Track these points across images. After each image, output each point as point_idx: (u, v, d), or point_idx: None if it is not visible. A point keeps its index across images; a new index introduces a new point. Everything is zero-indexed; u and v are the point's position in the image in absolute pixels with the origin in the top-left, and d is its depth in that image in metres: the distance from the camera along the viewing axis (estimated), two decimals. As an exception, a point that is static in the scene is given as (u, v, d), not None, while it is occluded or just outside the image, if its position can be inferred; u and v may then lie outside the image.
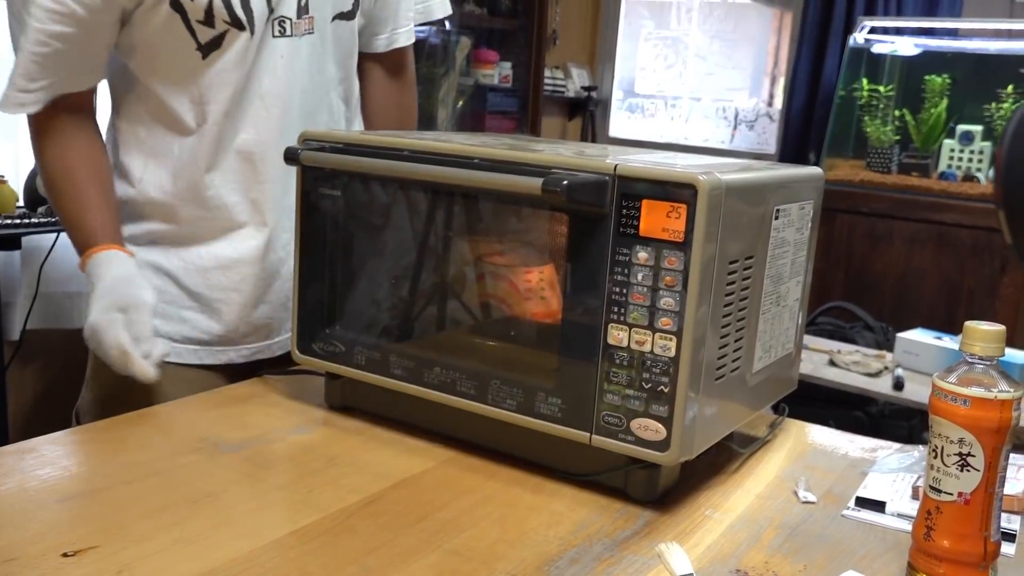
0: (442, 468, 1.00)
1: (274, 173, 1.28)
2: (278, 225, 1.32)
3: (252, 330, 1.35)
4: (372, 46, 1.44)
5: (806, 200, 1.07)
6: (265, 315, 1.35)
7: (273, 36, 1.24)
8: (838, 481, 1.04)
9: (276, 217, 1.31)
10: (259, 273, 1.32)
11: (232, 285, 1.32)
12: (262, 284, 1.33)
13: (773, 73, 4.78)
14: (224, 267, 1.31)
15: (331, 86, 1.36)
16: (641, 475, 0.94)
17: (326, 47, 1.32)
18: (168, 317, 1.31)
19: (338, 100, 1.38)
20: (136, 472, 0.94)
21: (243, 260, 1.31)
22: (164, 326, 1.31)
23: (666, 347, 0.88)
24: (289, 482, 0.96)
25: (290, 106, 1.28)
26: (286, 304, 1.36)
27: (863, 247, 3.72)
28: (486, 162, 0.97)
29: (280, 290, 1.35)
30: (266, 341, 1.36)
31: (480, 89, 3.99)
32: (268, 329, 1.36)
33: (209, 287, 1.31)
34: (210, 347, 1.34)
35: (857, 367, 2.70)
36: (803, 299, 1.13)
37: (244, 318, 1.33)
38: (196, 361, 1.33)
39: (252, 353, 1.36)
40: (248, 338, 1.35)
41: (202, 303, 1.32)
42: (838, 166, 4.04)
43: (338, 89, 1.37)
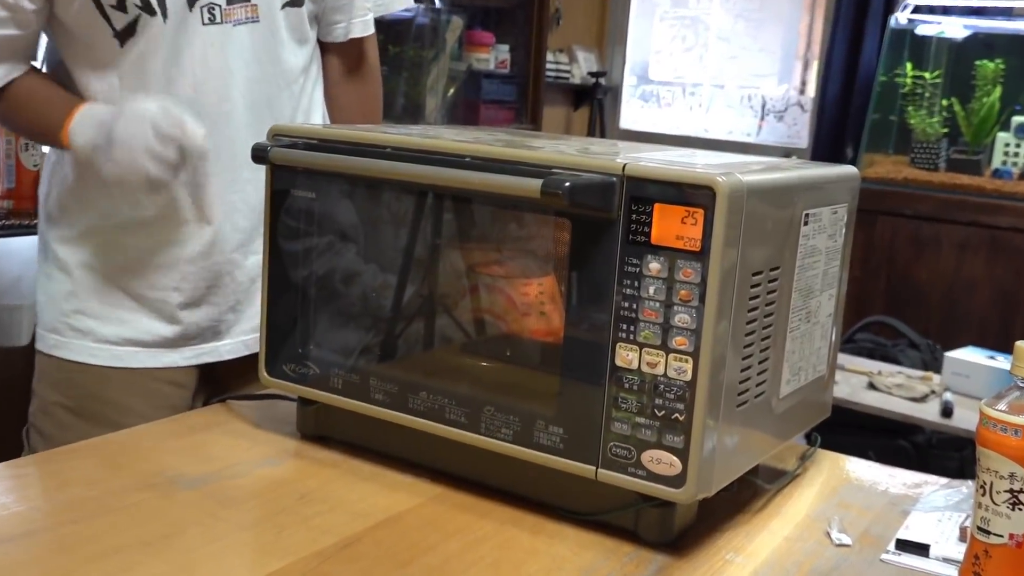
0: (429, 506, 1.00)
1: (216, 167, 1.32)
2: (226, 224, 1.38)
3: (196, 332, 1.41)
4: (329, 35, 1.50)
5: (839, 203, 1.08)
6: (211, 317, 1.42)
7: (203, 23, 1.31)
8: (876, 521, 1.04)
9: (223, 215, 1.37)
10: (201, 273, 1.39)
11: (172, 284, 1.38)
12: (205, 285, 1.40)
13: (805, 57, 4.80)
14: (164, 266, 1.38)
15: (290, 77, 1.41)
16: (654, 514, 0.94)
17: (278, 35, 1.38)
18: (106, 319, 1.39)
19: (300, 91, 1.44)
20: (83, 510, 0.94)
21: (184, 259, 1.38)
22: (102, 328, 1.39)
23: (681, 369, 0.88)
24: (256, 522, 0.96)
25: (229, 97, 1.34)
26: (236, 307, 1.43)
27: (907, 254, 3.73)
28: (479, 161, 0.97)
29: (230, 293, 1.42)
30: (211, 343, 1.43)
31: (474, 75, 4.01)
32: (213, 332, 1.43)
33: (149, 287, 1.38)
34: (151, 349, 1.40)
35: (900, 391, 2.70)
36: (837, 314, 1.13)
37: (186, 320, 1.40)
38: (137, 364, 1.40)
39: (196, 355, 1.42)
40: (192, 341, 1.42)
41: (141, 303, 1.39)
42: (878, 162, 4.05)
43: (299, 80, 1.43)
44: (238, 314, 1.44)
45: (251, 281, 1.43)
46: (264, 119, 1.37)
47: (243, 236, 1.40)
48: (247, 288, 1.43)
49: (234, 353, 1.44)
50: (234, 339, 1.44)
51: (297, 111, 1.44)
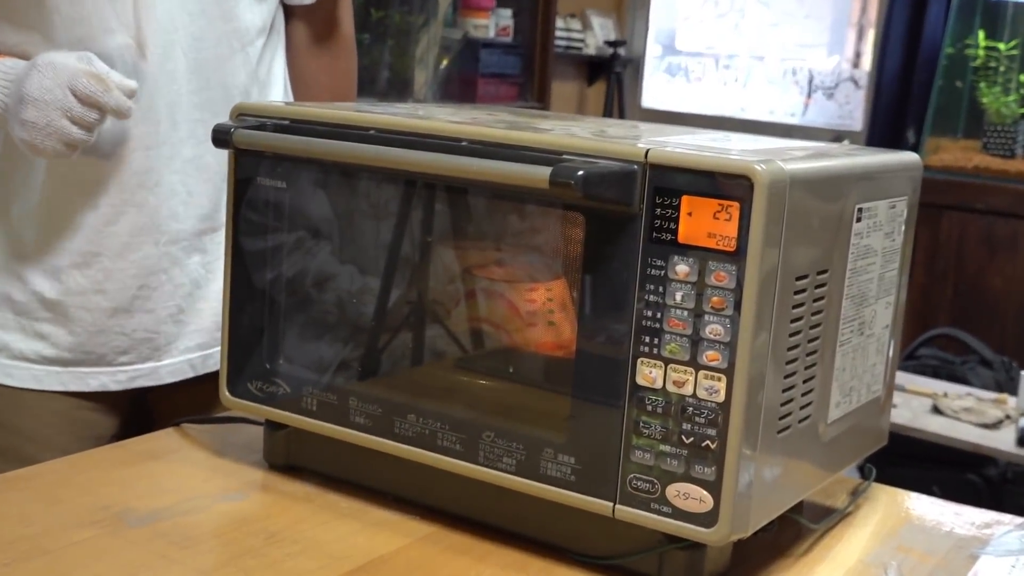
0: (418, 548, 1.01)
1: (152, 138, 1.32)
2: (161, 209, 1.35)
3: (128, 346, 1.38)
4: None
5: (898, 196, 1.08)
6: (145, 328, 1.38)
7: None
8: (941, 566, 1.05)
9: (156, 199, 1.35)
10: (129, 269, 1.36)
11: (93, 285, 1.36)
12: (136, 285, 1.37)
13: (860, 24, 4.81)
14: (81, 263, 1.35)
15: (246, 38, 1.40)
16: (680, 558, 0.94)
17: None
18: (22, 331, 1.36)
19: (256, 56, 1.42)
20: (15, 551, 0.95)
21: (105, 253, 1.35)
22: (18, 343, 1.36)
23: (713, 389, 0.89)
24: (216, 565, 0.97)
25: (171, 55, 1.32)
26: (178, 317, 1.40)
27: (978, 256, 3.74)
28: (478, 145, 0.98)
29: (169, 298, 1.39)
30: (150, 363, 1.40)
31: (471, 44, 4.02)
32: (151, 347, 1.40)
33: (65, 291, 1.35)
34: (75, 369, 1.38)
35: (970, 415, 2.71)
36: (895, 326, 1.14)
37: (115, 329, 1.37)
38: (60, 387, 1.37)
39: (131, 378, 1.40)
40: (124, 356, 1.38)
41: (58, 312, 1.36)
42: (945, 148, 4.06)
43: (256, 43, 1.42)
44: (180, 326, 1.41)
45: (194, 285, 1.41)
46: (212, 85, 1.37)
47: (182, 227, 1.38)
48: (189, 293, 1.41)
49: (177, 375, 1.42)
50: (176, 358, 1.41)
51: (253, 80, 1.42)
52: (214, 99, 1.37)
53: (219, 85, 1.37)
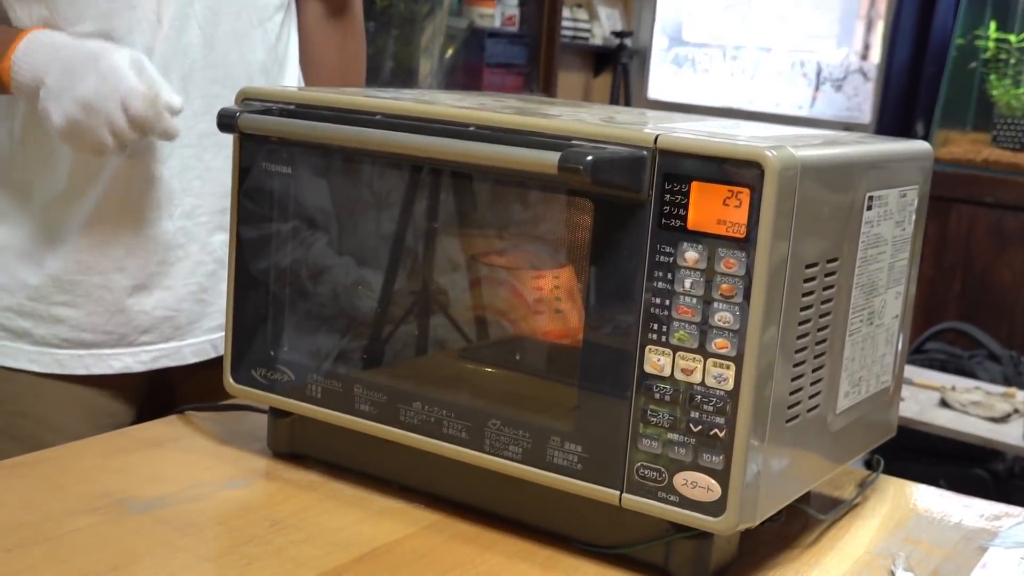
0: (423, 536, 1.01)
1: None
2: (174, 182, 1.35)
3: (150, 324, 1.38)
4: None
5: (909, 185, 1.08)
6: (167, 306, 1.38)
7: None
8: (948, 558, 1.05)
9: (174, 171, 1.35)
10: (147, 245, 1.35)
11: (112, 263, 1.35)
12: (156, 260, 1.36)
13: (869, 16, 4.81)
14: (100, 241, 1.34)
15: (264, 14, 1.40)
16: (687, 547, 0.94)
17: None
18: (37, 317, 1.35)
19: (276, 33, 1.42)
20: (18, 537, 0.95)
21: (123, 229, 1.34)
22: (35, 329, 1.35)
23: (722, 377, 0.89)
24: (219, 553, 0.97)
25: (185, 26, 1.32)
26: (199, 295, 1.40)
27: (987, 250, 3.74)
28: (484, 130, 0.98)
29: (188, 274, 1.39)
30: (173, 343, 1.40)
31: (476, 34, 4.02)
32: (173, 325, 1.39)
33: (83, 269, 1.35)
34: (98, 350, 1.37)
35: (978, 409, 2.71)
36: (904, 317, 1.14)
37: (135, 308, 1.36)
38: (84, 370, 1.37)
39: (154, 358, 1.39)
40: (146, 335, 1.38)
41: (77, 292, 1.35)
42: (955, 140, 4.06)
43: (275, 18, 1.41)
44: (203, 305, 1.40)
45: (217, 263, 1.40)
46: (231, 60, 1.36)
47: (198, 201, 1.37)
48: (212, 272, 1.40)
49: (200, 355, 1.42)
50: (199, 338, 1.41)
51: (272, 57, 1.42)
52: (233, 74, 1.36)
53: (238, 60, 1.37)
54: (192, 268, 1.39)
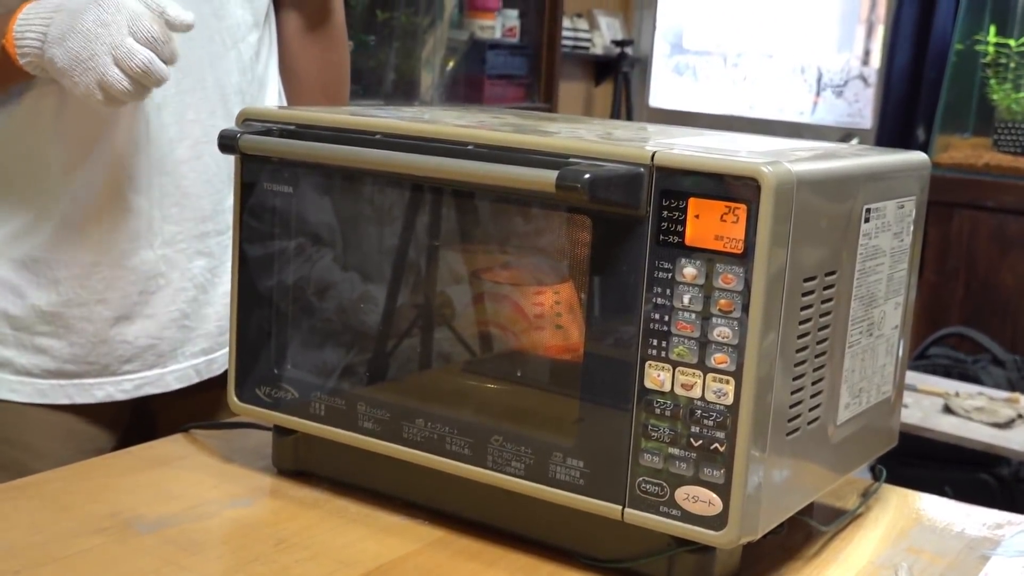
0: (428, 553, 1.01)
1: (143, 143, 1.31)
2: (154, 212, 1.34)
3: (132, 354, 1.37)
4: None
5: (907, 196, 1.09)
6: (149, 334, 1.37)
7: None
8: (952, 568, 1.05)
9: (153, 201, 1.34)
10: (129, 277, 1.35)
11: (93, 295, 1.34)
12: (137, 291, 1.35)
13: (869, 21, 4.81)
14: (81, 273, 1.34)
15: (238, 35, 1.38)
16: (690, 561, 0.95)
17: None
18: (20, 346, 1.35)
19: (251, 54, 1.41)
20: (23, 559, 0.95)
21: (104, 261, 1.33)
22: (19, 358, 1.35)
23: (722, 392, 0.89)
24: (225, 572, 0.97)
25: None
26: (181, 322, 1.39)
27: (990, 254, 3.73)
28: (484, 149, 0.98)
29: (170, 303, 1.38)
30: (155, 370, 1.39)
31: (477, 46, 4.02)
32: (155, 353, 1.39)
33: (65, 302, 1.34)
34: (81, 381, 1.36)
35: (981, 415, 2.70)
36: (905, 326, 1.14)
37: (117, 338, 1.36)
38: (66, 400, 1.36)
39: (137, 386, 1.39)
40: (128, 365, 1.37)
41: (58, 324, 1.34)
42: (955, 146, 4.06)
43: (248, 39, 1.40)
44: (185, 331, 1.40)
45: (199, 290, 1.39)
46: (207, 84, 1.35)
47: (177, 229, 1.36)
48: (193, 298, 1.39)
49: (183, 381, 1.41)
50: (182, 363, 1.40)
51: (249, 78, 1.41)
52: (209, 99, 1.36)
53: (213, 84, 1.36)
54: (173, 295, 1.38)
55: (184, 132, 1.35)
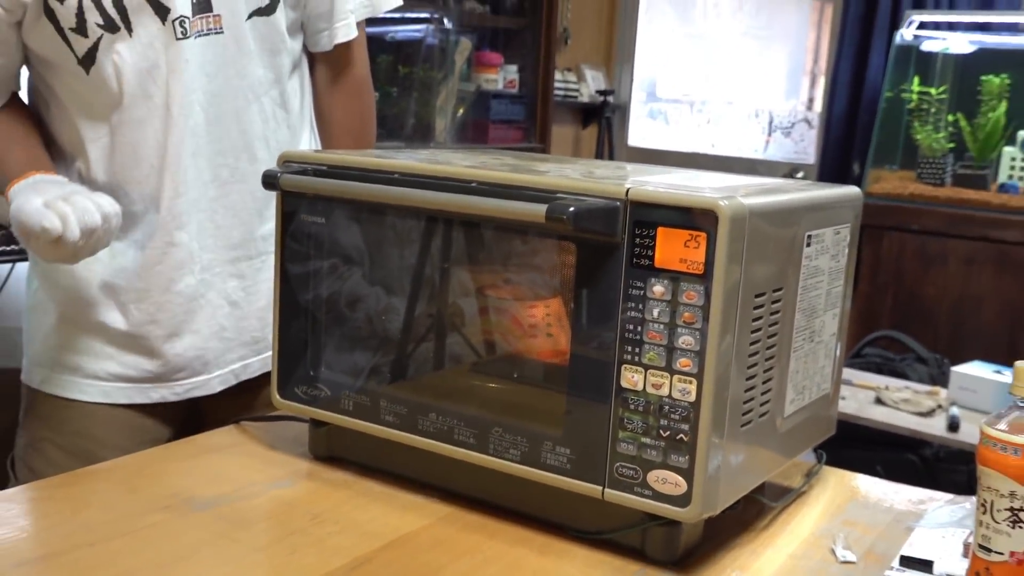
0: (439, 526, 1.01)
1: (182, 186, 1.31)
2: (193, 244, 1.34)
3: (183, 364, 1.37)
4: (316, 45, 1.47)
5: (842, 224, 1.08)
6: (195, 347, 1.38)
7: (176, 38, 1.28)
8: (881, 538, 1.04)
9: (193, 235, 1.34)
10: (176, 300, 1.35)
11: (147, 317, 1.35)
12: (183, 312, 1.36)
13: (812, 73, 4.81)
14: (136, 299, 1.34)
15: (259, 90, 1.37)
16: (660, 533, 0.95)
17: (244, 48, 1.34)
18: (93, 353, 1.36)
19: (272, 105, 1.40)
20: (98, 533, 0.95)
21: (155, 288, 1.34)
22: (90, 363, 1.36)
23: (686, 391, 0.89)
24: (269, 543, 0.97)
25: (191, 112, 1.31)
26: (220, 335, 1.39)
27: (914, 269, 3.73)
28: (486, 186, 0.98)
29: (210, 319, 1.38)
30: (201, 376, 1.39)
31: (483, 96, 4.02)
32: (201, 362, 1.39)
33: (125, 322, 1.35)
34: (141, 385, 1.37)
35: (907, 405, 2.70)
36: (841, 332, 1.14)
37: (171, 352, 1.36)
38: (126, 400, 1.37)
39: (187, 390, 1.39)
40: (179, 373, 1.38)
41: (121, 339, 1.35)
42: (885, 178, 4.05)
43: (271, 92, 1.39)
44: (225, 342, 1.39)
45: (233, 306, 1.39)
46: (232, 133, 1.35)
47: (213, 256, 1.36)
48: (228, 313, 1.39)
49: (224, 383, 1.41)
50: (222, 369, 1.40)
51: (276, 124, 1.40)
52: (235, 145, 1.35)
53: (238, 134, 1.35)
54: (213, 312, 1.38)
55: (215, 175, 1.34)
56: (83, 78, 1.28)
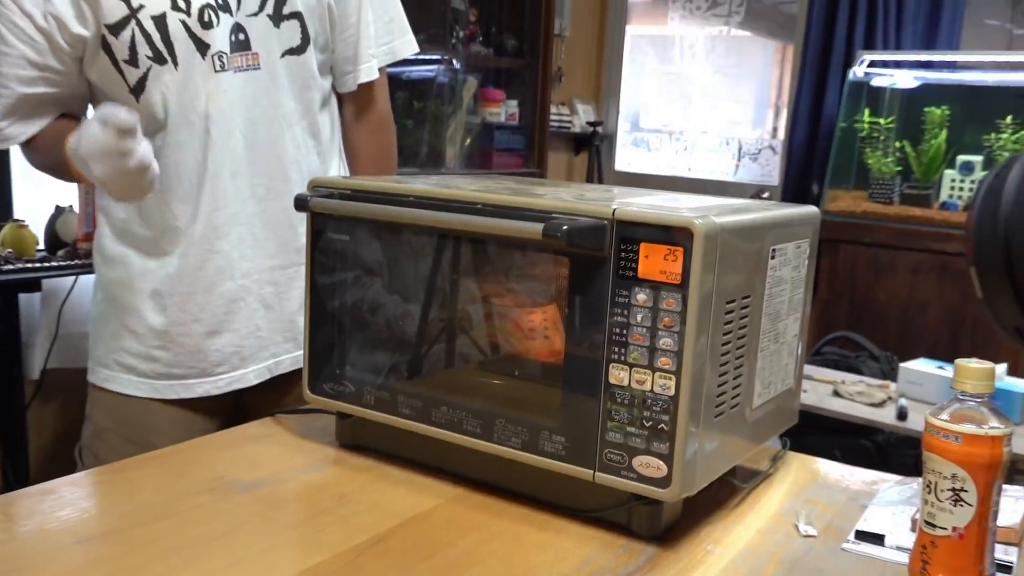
0: (450, 506, 1.01)
1: (223, 200, 1.32)
2: (233, 253, 1.35)
3: (222, 359, 1.38)
4: (343, 85, 1.48)
5: (802, 239, 1.08)
6: (233, 344, 1.38)
7: (214, 71, 1.29)
8: (838, 514, 1.04)
9: (233, 244, 1.35)
10: (217, 302, 1.36)
11: (190, 317, 1.35)
12: (223, 312, 1.36)
13: (776, 105, 4.81)
14: (180, 301, 1.35)
15: (291, 120, 1.38)
16: (644, 511, 0.94)
17: (278, 82, 1.35)
18: (142, 356, 1.37)
19: (303, 134, 1.40)
20: (151, 513, 0.95)
21: (198, 291, 1.35)
22: (141, 364, 1.37)
23: (666, 386, 0.89)
24: (300, 521, 0.97)
25: (231, 137, 1.32)
26: (256, 333, 1.39)
27: (867, 277, 3.72)
28: (489, 207, 0.98)
29: (248, 319, 1.38)
30: (240, 371, 1.39)
31: (487, 127, 4.03)
32: (239, 357, 1.39)
33: (171, 322, 1.36)
34: (186, 381, 1.38)
35: (861, 397, 2.69)
36: (802, 334, 1.14)
37: (211, 347, 1.37)
38: (174, 396, 1.37)
39: (227, 383, 1.39)
40: (220, 367, 1.38)
41: (166, 339, 1.36)
42: (840, 197, 4.05)
43: (302, 123, 1.40)
44: (260, 340, 1.40)
45: (267, 308, 1.39)
46: (267, 157, 1.36)
47: (250, 264, 1.37)
48: (263, 315, 1.39)
49: (260, 377, 1.41)
50: (258, 364, 1.40)
51: (301, 151, 1.40)
52: (270, 167, 1.36)
53: (273, 157, 1.36)
54: (250, 314, 1.38)
55: (253, 193, 1.35)
56: (133, 105, 1.28)
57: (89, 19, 1.25)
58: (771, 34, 4.83)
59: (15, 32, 1.25)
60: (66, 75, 1.30)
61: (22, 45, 1.25)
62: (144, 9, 1.24)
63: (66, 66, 1.29)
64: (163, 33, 1.26)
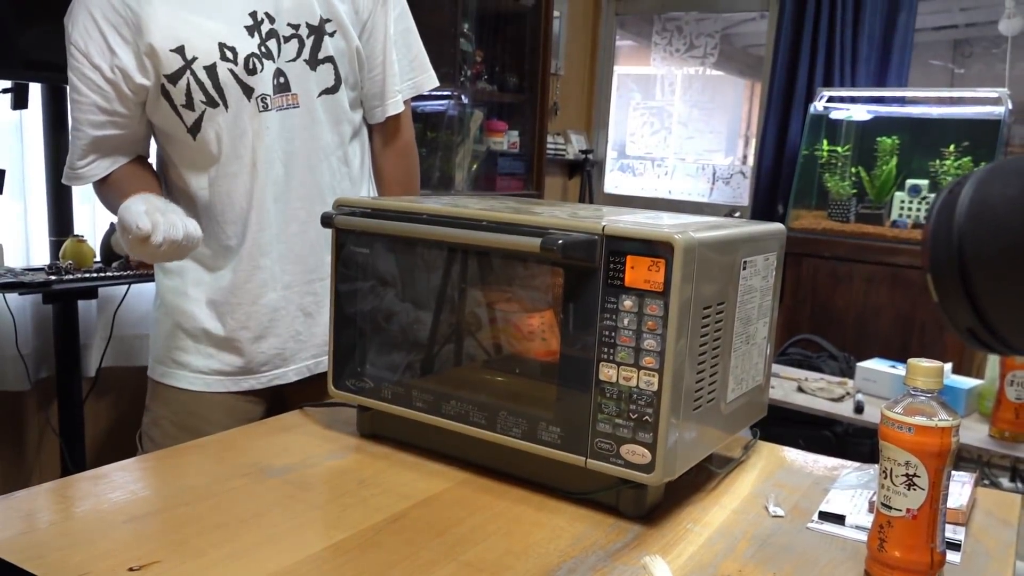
0: (458, 489, 1.00)
1: (268, 221, 1.33)
2: (275, 267, 1.36)
3: (266, 360, 1.39)
4: (372, 117, 1.48)
5: (771, 252, 1.08)
6: (275, 347, 1.39)
7: (258, 111, 1.30)
8: (804, 497, 1.03)
9: (275, 260, 1.36)
10: (262, 311, 1.37)
11: (238, 324, 1.37)
12: (267, 320, 1.37)
13: (746, 135, 4.81)
14: (228, 310, 1.36)
15: (328, 151, 1.39)
16: (630, 494, 0.94)
17: (316, 119, 1.36)
18: (200, 354, 1.38)
19: (338, 163, 1.41)
20: (193, 495, 0.95)
21: (245, 302, 1.36)
22: (197, 361, 1.38)
23: (650, 382, 0.88)
24: (325, 502, 0.96)
25: (274, 167, 1.33)
26: (296, 337, 1.40)
27: (827, 286, 3.72)
28: (493, 224, 0.98)
29: (288, 326, 1.39)
30: (280, 369, 1.40)
31: (491, 154, 4.03)
32: (281, 358, 1.40)
33: (221, 328, 1.37)
34: (234, 377, 1.39)
35: (822, 393, 2.68)
36: (770, 336, 1.13)
37: (257, 350, 1.38)
38: (223, 389, 1.39)
39: (270, 380, 1.40)
40: (264, 367, 1.39)
41: (217, 341, 1.38)
42: (803, 216, 4.04)
43: (337, 153, 1.41)
44: (299, 343, 1.41)
45: (306, 315, 1.40)
46: (307, 184, 1.36)
47: (292, 278, 1.38)
48: (303, 321, 1.40)
49: (299, 375, 1.42)
50: (298, 364, 1.41)
51: (341, 177, 1.41)
52: (310, 193, 1.37)
53: (312, 184, 1.37)
54: (291, 321, 1.39)
55: (294, 215, 1.35)
56: (190, 143, 1.30)
57: (150, 70, 1.26)
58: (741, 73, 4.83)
59: (86, 83, 1.27)
60: (131, 119, 1.32)
61: (93, 94, 1.27)
62: (197, 61, 1.26)
63: (131, 111, 1.30)
64: (214, 81, 1.27)
